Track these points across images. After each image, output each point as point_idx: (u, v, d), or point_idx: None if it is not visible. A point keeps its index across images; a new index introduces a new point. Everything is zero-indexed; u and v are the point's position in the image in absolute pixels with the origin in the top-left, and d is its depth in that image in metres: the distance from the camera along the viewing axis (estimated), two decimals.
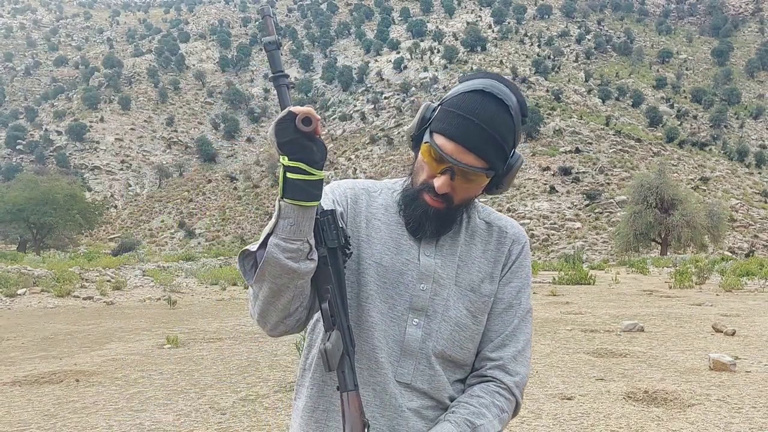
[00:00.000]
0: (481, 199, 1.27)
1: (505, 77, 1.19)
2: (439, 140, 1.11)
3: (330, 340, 1.03)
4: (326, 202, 1.16)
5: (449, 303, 1.17)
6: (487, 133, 1.10)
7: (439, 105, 1.16)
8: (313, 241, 1.01)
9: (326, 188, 1.21)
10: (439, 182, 1.11)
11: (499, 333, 1.21)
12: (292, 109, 0.97)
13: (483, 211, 1.28)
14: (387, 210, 1.21)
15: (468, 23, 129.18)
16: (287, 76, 1.05)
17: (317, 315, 1.17)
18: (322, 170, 0.99)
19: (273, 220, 1.00)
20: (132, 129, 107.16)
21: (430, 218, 1.15)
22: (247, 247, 1.06)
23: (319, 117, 0.98)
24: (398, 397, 1.13)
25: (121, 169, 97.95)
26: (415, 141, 1.18)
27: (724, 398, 4.59)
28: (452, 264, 1.19)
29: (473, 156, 1.09)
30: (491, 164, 1.11)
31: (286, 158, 0.96)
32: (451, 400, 1.18)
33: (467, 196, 1.16)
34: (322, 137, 1.00)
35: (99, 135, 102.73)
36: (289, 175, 0.96)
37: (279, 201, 0.99)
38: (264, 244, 1.01)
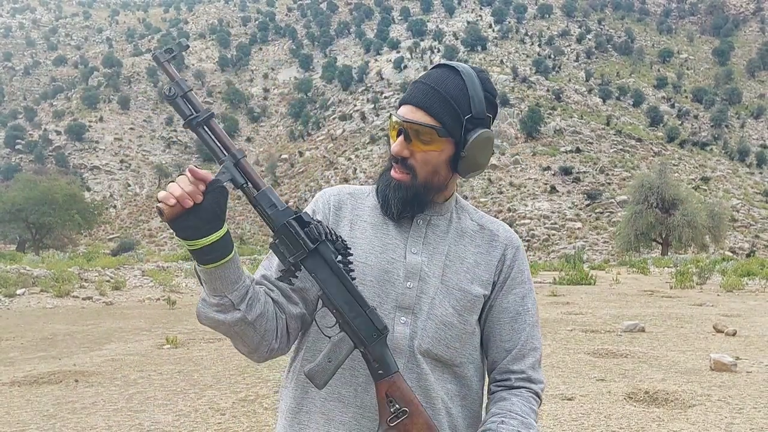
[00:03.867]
0: (481, 199, 1.26)
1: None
2: (397, 112, 1.16)
3: (316, 360, 1.06)
4: (307, 211, 1.22)
5: (435, 301, 1.16)
6: (433, 90, 1.13)
7: None
8: (234, 295, 1.05)
9: (316, 197, 1.27)
10: (395, 145, 1.14)
11: (514, 343, 1.21)
12: (157, 200, 1.00)
13: (475, 214, 1.28)
14: (373, 211, 1.22)
15: (468, 22, 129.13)
16: (195, 118, 1.04)
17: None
18: (203, 237, 1.00)
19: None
20: (131, 129, 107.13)
21: (393, 191, 1.15)
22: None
23: (181, 190, 0.98)
24: None
25: (121, 169, 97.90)
26: None
27: (725, 399, 4.57)
28: (439, 262, 1.19)
29: (422, 112, 1.12)
30: (441, 122, 1.12)
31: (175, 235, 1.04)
32: (443, 402, 1.17)
33: (429, 166, 1.15)
34: (322, 137, 1.06)
35: (98, 135, 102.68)
36: (186, 246, 1.04)
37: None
38: None
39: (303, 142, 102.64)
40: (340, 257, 1.06)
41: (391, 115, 1.17)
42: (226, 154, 1.05)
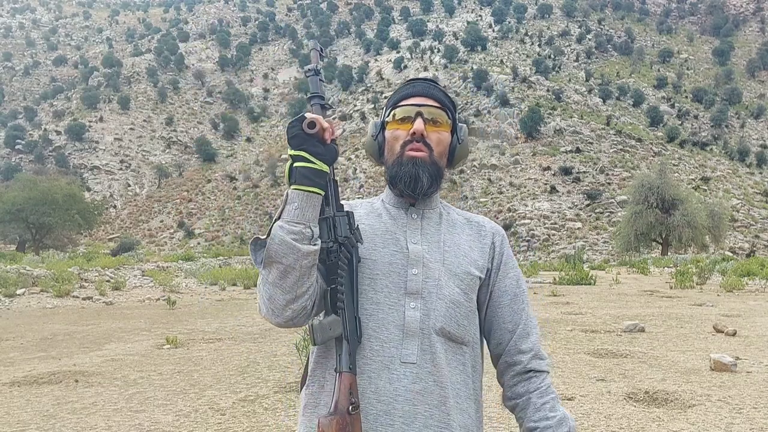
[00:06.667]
0: (481, 199, 1.29)
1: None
2: (400, 104, 1.31)
3: (322, 319, 1.15)
4: None
5: (441, 283, 1.25)
6: (434, 86, 1.33)
7: (384, 113, 1.36)
8: (316, 230, 1.13)
9: None
10: (416, 124, 1.27)
11: (516, 323, 1.32)
12: (306, 114, 1.15)
13: (457, 210, 1.41)
14: (369, 215, 1.32)
15: (468, 23, 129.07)
16: (322, 97, 1.25)
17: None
18: (325, 165, 1.14)
19: (281, 207, 1.14)
20: (131, 129, 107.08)
21: (420, 167, 1.26)
22: (257, 236, 1.17)
23: (328, 125, 1.15)
24: (401, 380, 1.18)
25: (121, 169, 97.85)
26: (379, 143, 1.34)
27: (724, 399, 4.57)
28: (438, 249, 1.28)
29: (432, 100, 1.30)
30: (446, 108, 1.31)
31: (291, 149, 1.14)
32: (452, 385, 1.23)
33: (441, 146, 1.30)
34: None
35: (98, 135, 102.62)
36: (295, 164, 1.13)
37: (287, 189, 1.14)
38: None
39: None
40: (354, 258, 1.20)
41: (396, 107, 1.31)
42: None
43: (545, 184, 70.56)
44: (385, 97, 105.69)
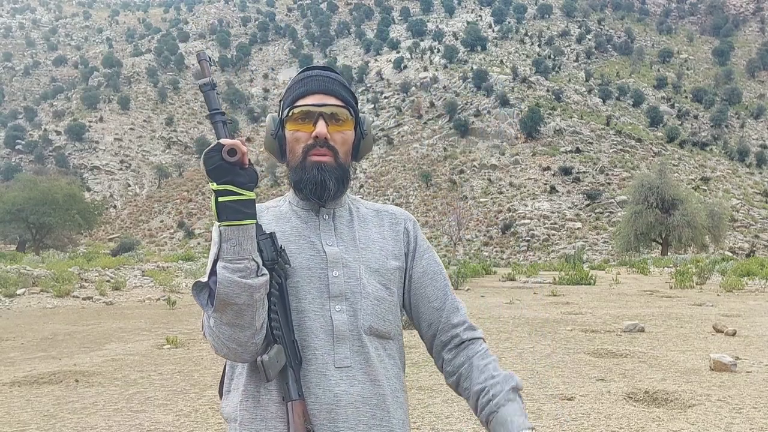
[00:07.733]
0: (481, 199, 1.28)
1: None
2: (298, 104, 1.23)
3: (269, 353, 1.11)
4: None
5: (363, 281, 1.23)
6: (330, 78, 1.26)
7: (281, 109, 1.28)
8: (259, 259, 1.09)
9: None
10: (318, 127, 1.21)
11: (442, 300, 1.31)
12: (221, 140, 1.07)
13: (365, 202, 1.39)
14: (279, 220, 1.27)
15: (468, 23, 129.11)
16: (223, 113, 1.16)
17: None
18: (251, 191, 1.07)
19: (216, 246, 1.08)
20: (131, 129, 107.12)
21: (326, 172, 1.21)
22: (198, 279, 1.12)
23: (246, 149, 1.07)
24: (339, 385, 1.16)
25: (121, 169, 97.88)
26: (279, 141, 1.26)
27: (724, 399, 4.57)
28: (354, 248, 1.26)
29: (332, 98, 1.24)
30: (348, 103, 1.26)
31: (214, 183, 1.05)
32: (388, 381, 1.22)
33: (346, 146, 1.25)
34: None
35: (98, 135, 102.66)
36: (219, 198, 1.05)
37: (218, 227, 1.07)
38: (214, 272, 1.08)
39: None
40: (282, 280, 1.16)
41: (294, 108, 1.23)
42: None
43: (545, 184, 70.57)
44: (386, 98, 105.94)
